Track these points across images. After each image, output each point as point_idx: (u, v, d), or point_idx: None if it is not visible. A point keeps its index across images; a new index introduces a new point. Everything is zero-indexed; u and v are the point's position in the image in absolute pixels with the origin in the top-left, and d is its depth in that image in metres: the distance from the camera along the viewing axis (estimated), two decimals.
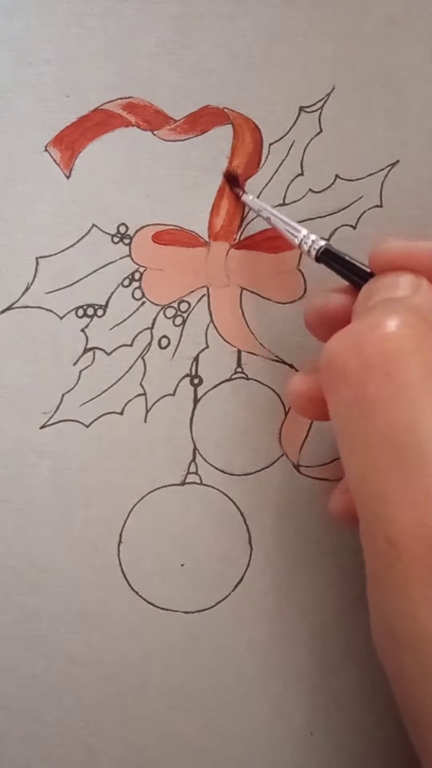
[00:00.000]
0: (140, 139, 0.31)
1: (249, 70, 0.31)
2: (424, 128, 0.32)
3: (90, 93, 0.31)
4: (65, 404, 0.32)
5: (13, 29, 0.31)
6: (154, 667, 0.32)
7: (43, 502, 0.32)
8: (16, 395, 0.31)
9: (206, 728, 0.32)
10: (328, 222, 0.32)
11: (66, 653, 0.32)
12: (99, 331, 0.32)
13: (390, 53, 0.32)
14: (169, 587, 0.32)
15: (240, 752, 0.32)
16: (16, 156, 0.31)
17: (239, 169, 0.32)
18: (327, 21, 0.31)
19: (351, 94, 0.32)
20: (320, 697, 0.33)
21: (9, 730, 0.32)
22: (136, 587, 0.32)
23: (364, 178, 0.32)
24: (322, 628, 0.33)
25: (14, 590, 0.32)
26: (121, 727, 0.32)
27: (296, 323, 0.32)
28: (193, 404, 0.32)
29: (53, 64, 0.31)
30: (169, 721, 0.32)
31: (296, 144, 0.32)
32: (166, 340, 0.32)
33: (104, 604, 0.32)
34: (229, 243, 0.32)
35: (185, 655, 0.32)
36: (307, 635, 0.33)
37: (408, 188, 0.32)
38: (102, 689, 0.32)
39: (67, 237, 0.31)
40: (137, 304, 0.32)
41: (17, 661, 0.32)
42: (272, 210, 0.30)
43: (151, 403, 0.32)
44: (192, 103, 0.31)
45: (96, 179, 0.31)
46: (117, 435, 0.32)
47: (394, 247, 0.26)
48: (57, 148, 0.31)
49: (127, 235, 0.32)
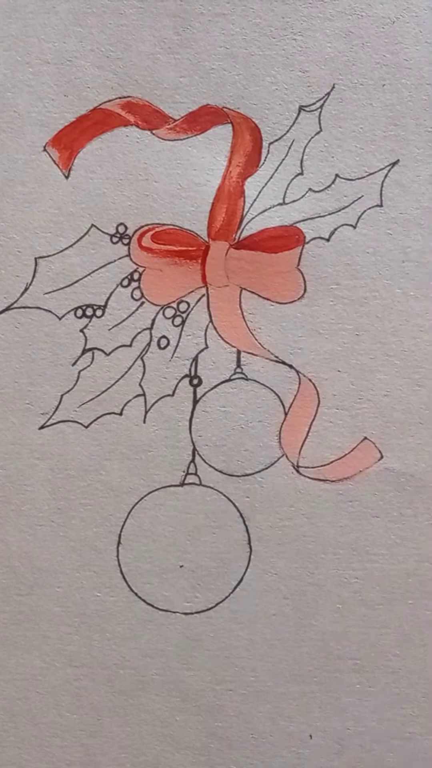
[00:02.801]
0: (139, 138, 0.31)
1: (248, 70, 0.31)
2: (424, 128, 0.32)
3: (89, 92, 0.31)
4: (64, 405, 0.32)
5: (12, 29, 0.31)
6: (154, 667, 0.32)
7: (42, 502, 0.32)
8: (15, 396, 0.31)
9: (206, 728, 0.32)
10: (328, 221, 0.32)
11: (65, 653, 0.32)
12: (98, 332, 0.32)
13: (390, 53, 0.32)
14: (169, 588, 0.32)
15: (239, 754, 0.32)
16: (14, 156, 0.31)
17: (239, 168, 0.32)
18: (327, 20, 0.31)
19: (351, 93, 0.32)
20: (320, 699, 0.33)
21: (8, 730, 0.32)
22: (135, 588, 0.32)
23: (364, 178, 0.32)
24: (321, 629, 0.33)
25: (14, 590, 0.32)
26: (121, 728, 0.32)
27: (296, 323, 0.32)
28: (193, 405, 0.32)
29: (52, 63, 0.31)
30: (168, 721, 0.32)
31: (296, 143, 0.32)
32: (165, 341, 0.32)
33: (103, 604, 0.32)
34: (229, 243, 0.32)
35: (185, 656, 0.32)
36: (307, 636, 0.33)
37: (408, 187, 0.32)
38: (101, 689, 0.32)
39: (66, 237, 0.31)
40: (136, 304, 0.32)
41: (17, 661, 0.32)
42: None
43: (150, 404, 0.32)
44: (191, 103, 0.31)
45: (95, 179, 0.31)
46: (116, 435, 0.32)
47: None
48: (56, 148, 0.31)
49: (126, 235, 0.31)
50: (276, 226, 0.32)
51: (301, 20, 0.31)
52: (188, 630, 0.32)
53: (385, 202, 0.32)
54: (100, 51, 0.31)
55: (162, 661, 0.32)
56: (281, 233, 0.32)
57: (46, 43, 0.31)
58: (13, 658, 0.32)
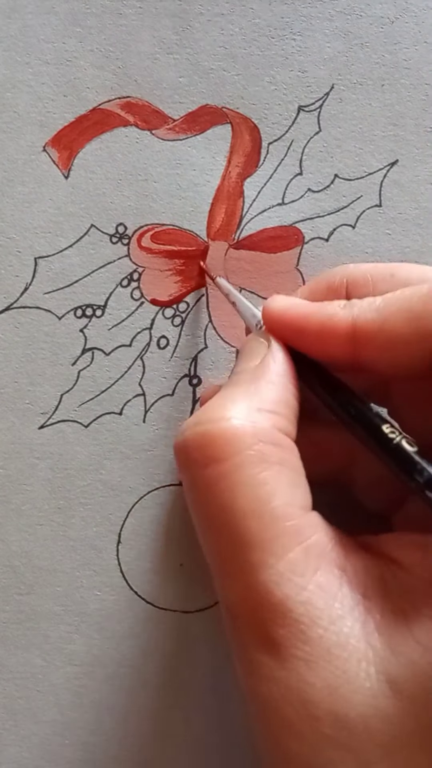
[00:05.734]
0: (139, 138, 0.31)
1: (248, 70, 0.31)
2: (423, 128, 0.32)
3: (88, 92, 0.31)
4: (64, 404, 0.32)
5: (11, 28, 0.31)
6: (154, 666, 0.32)
7: (42, 502, 0.32)
8: (14, 395, 0.31)
9: (206, 728, 0.32)
10: (327, 221, 0.32)
11: (66, 652, 0.32)
12: (98, 332, 0.32)
13: (389, 53, 0.32)
14: (169, 587, 0.32)
15: (240, 753, 0.33)
16: (14, 156, 0.31)
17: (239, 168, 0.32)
18: (326, 20, 0.31)
19: (350, 93, 0.32)
20: None
21: (9, 728, 0.32)
22: (136, 587, 0.32)
23: (363, 178, 0.32)
24: None
25: (14, 590, 0.32)
26: (121, 727, 0.32)
27: None
28: (192, 404, 0.32)
29: (51, 63, 0.31)
30: (168, 721, 0.32)
31: (295, 143, 0.32)
32: (164, 341, 0.32)
33: (104, 603, 0.32)
34: (228, 243, 0.32)
35: (185, 655, 0.32)
36: None
37: (407, 187, 0.32)
38: (101, 688, 0.32)
39: (66, 237, 0.31)
40: (136, 304, 0.32)
41: (17, 661, 0.32)
42: (238, 295, 0.29)
43: (150, 404, 0.32)
44: (190, 103, 0.31)
45: (94, 179, 0.31)
46: (116, 435, 0.32)
47: (286, 314, 0.26)
48: (55, 148, 0.31)
49: (126, 235, 0.31)
50: (275, 226, 0.32)
51: (300, 20, 0.31)
52: (188, 628, 0.32)
53: (384, 202, 0.32)
54: (100, 51, 0.31)
55: (162, 660, 0.32)
56: (280, 233, 0.32)
57: (46, 43, 0.31)
58: (13, 657, 0.32)
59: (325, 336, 0.25)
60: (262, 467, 0.23)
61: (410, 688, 0.21)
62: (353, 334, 0.25)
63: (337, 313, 0.25)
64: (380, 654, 0.22)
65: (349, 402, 0.25)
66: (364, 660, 0.21)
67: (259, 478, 0.23)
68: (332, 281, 0.27)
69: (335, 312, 0.25)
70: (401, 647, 0.22)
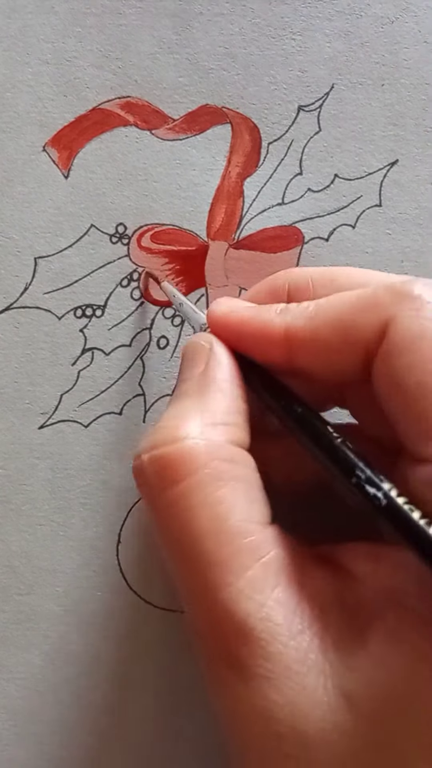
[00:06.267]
0: (138, 138, 0.31)
1: (247, 69, 0.31)
2: (423, 128, 0.32)
3: (88, 92, 0.31)
4: (64, 404, 0.32)
5: (11, 28, 0.31)
6: (154, 666, 0.32)
7: (41, 502, 0.32)
8: (14, 395, 0.31)
9: (206, 728, 0.32)
10: (326, 221, 0.32)
11: (65, 652, 0.32)
12: (97, 332, 0.32)
13: (390, 53, 0.32)
14: (168, 587, 0.32)
15: None
16: (14, 156, 0.31)
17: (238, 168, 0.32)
18: (326, 20, 0.31)
19: (350, 93, 0.32)
20: None
21: (9, 728, 0.32)
22: (135, 587, 0.32)
23: (363, 178, 0.32)
24: None
25: (14, 590, 0.32)
26: (121, 726, 0.32)
27: None
28: None
29: (51, 63, 0.31)
30: (169, 721, 0.32)
31: (295, 143, 0.32)
32: (164, 341, 0.32)
33: (104, 603, 0.32)
34: (228, 243, 0.32)
35: (185, 655, 0.32)
36: None
37: (407, 187, 0.32)
38: (101, 688, 0.32)
39: (66, 237, 0.31)
40: (135, 304, 0.32)
41: (17, 661, 0.32)
42: (183, 298, 0.29)
43: (150, 404, 0.32)
44: (190, 102, 0.31)
45: (94, 179, 0.31)
46: (116, 435, 0.32)
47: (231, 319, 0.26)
48: (55, 148, 0.31)
49: (126, 235, 0.31)
50: (275, 226, 0.32)
51: (300, 20, 0.31)
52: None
53: (384, 201, 0.32)
54: (100, 51, 0.31)
55: (162, 659, 0.32)
56: (280, 233, 0.32)
57: (46, 43, 0.31)
58: (13, 657, 0.32)
59: (262, 341, 0.25)
60: (218, 485, 0.23)
61: (364, 702, 0.21)
62: (287, 340, 0.25)
63: (272, 319, 0.25)
64: (336, 668, 0.22)
65: (289, 405, 0.25)
66: (322, 674, 0.21)
67: (216, 496, 0.23)
68: (275, 285, 0.27)
69: (271, 318, 0.25)
70: (355, 661, 0.22)
